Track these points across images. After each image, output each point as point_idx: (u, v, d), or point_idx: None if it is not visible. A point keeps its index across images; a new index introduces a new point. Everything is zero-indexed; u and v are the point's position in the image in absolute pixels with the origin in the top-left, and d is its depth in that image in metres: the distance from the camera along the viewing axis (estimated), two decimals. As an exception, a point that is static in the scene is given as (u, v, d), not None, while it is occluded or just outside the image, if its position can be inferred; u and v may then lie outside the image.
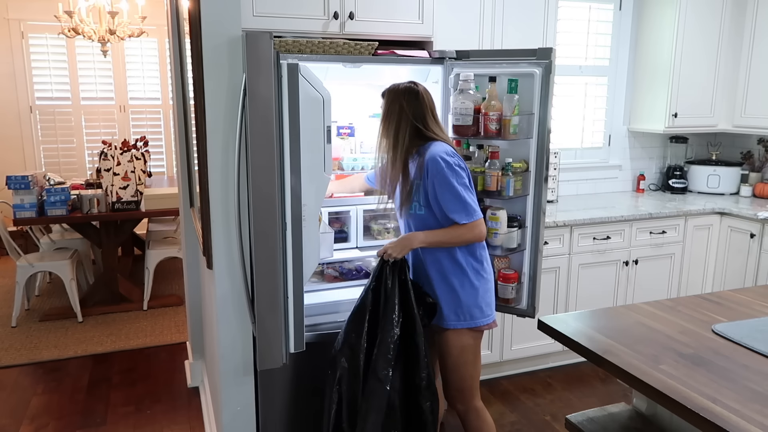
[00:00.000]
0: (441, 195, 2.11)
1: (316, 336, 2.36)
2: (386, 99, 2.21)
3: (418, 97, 2.17)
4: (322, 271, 2.76)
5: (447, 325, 2.21)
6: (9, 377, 3.51)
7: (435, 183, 2.10)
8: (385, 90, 2.23)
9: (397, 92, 2.18)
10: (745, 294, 2.24)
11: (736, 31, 3.98)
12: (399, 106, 2.16)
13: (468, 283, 2.19)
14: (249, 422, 2.32)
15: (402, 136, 2.16)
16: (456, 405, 2.31)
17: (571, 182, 4.09)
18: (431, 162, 2.10)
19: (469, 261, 2.20)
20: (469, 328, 2.21)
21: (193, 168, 2.81)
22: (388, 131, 2.19)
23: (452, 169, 2.10)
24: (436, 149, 2.13)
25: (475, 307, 2.20)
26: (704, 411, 1.42)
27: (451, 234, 2.14)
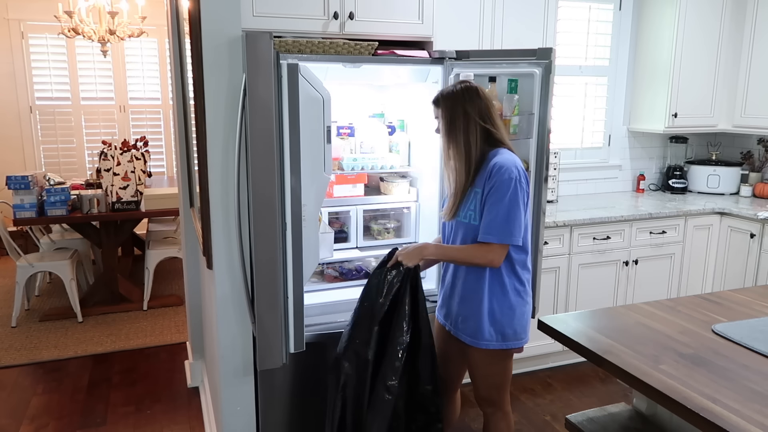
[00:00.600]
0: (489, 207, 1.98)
1: (316, 336, 2.36)
2: (444, 105, 2.05)
3: (479, 94, 2.02)
4: (322, 271, 2.76)
5: (477, 344, 2.11)
6: (9, 377, 3.51)
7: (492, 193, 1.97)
8: (438, 96, 2.09)
9: (455, 95, 2.03)
10: (745, 294, 2.24)
11: (736, 31, 3.98)
12: (462, 109, 2.01)
13: (507, 304, 2.08)
14: (249, 422, 2.32)
15: (474, 140, 2.01)
16: (485, 408, 2.26)
17: (571, 182, 4.09)
18: (496, 170, 1.97)
19: (512, 281, 2.09)
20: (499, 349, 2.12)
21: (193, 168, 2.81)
22: (457, 140, 2.02)
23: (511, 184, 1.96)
24: (505, 157, 2.00)
25: (509, 327, 2.10)
26: (704, 411, 1.42)
27: (466, 253, 2.03)
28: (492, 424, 2.25)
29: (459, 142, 2.03)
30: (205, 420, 3.01)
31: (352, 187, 2.76)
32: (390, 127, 2.91)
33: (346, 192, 2.75)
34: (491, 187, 1.97)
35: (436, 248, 2.11)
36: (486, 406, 2.24)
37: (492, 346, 2.09)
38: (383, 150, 2.80)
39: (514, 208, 1.97)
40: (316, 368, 2.39)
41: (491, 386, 2.19)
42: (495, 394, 2.20)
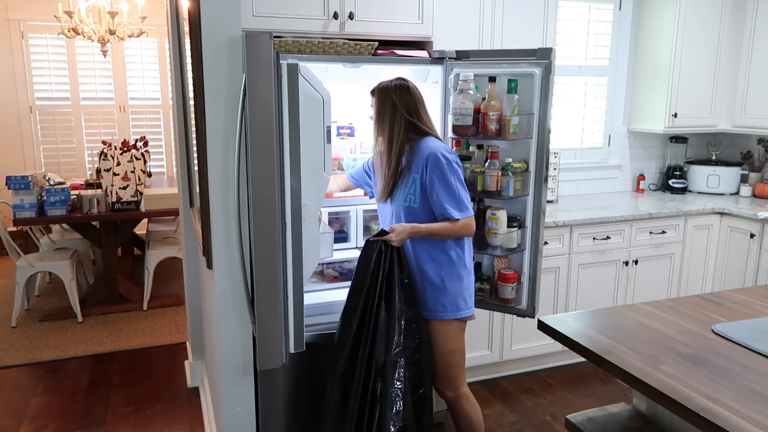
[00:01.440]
0: (438, 190, 2.18)
1: (316, 336, 2.36)
2: (377, 96, 2.27)
3: (409, 91, 2.24)
4: (322, 271, 2.76)
5: (434, 316, 2.27)
6: (9, 377, 3.51)
7: (434, 178, 2.17)
8: (375, 88, 2.29)
9: (387, 89, 2.25)
10: (745, 294, 2.24)
11: (736, 31, 3.98)
12: (391, 101, 2.22)
13: (456, 275, 2.27)
14: (249, 422, 2.32)
15: (397, 130, 2.23)
16: (446, 393, 2.36)
17: (571, 182, 4.09)
18: (432, 157, 2.17)
19: (458, 253, 2.27)
20: (455, 318, 2.27)
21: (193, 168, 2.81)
22: (383, 127, 2.25)
23: (451, 167, 2.18)
24: (435, 145, 2.22)
25: (460, 298, 2.28)
26: (704, 411, 1.41)
27: (448, 228, 2.20)
28: (459, 409, 2.36)
29: (385, 130, 2.25)
30: (205, 420, 3.01)
31: (352, 187, 2.76)
32: (390, 127, 2.90)
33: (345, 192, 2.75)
34: (435, 173, 2.17)
35: (426, 228, 2.22)
36: (447, 390, 2.35)
37: (448, 316, 2.27)
38: (383, 150, 2.80)
39: (460, 185, 2.21)
40: (316, 368, 2.39)
41: (449, 365, 2.31)
42: (454, 373, 2.33)
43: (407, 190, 2.25)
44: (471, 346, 3.22)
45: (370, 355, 2.14)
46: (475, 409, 2.38)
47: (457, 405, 2.36)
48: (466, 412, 2.36)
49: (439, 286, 2.26)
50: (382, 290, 2.16)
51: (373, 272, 2.16)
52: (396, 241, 2.18)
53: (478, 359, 3.30)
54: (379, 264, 2.16)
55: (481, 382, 3.38)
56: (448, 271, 2.26)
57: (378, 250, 2.17)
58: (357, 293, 2.18)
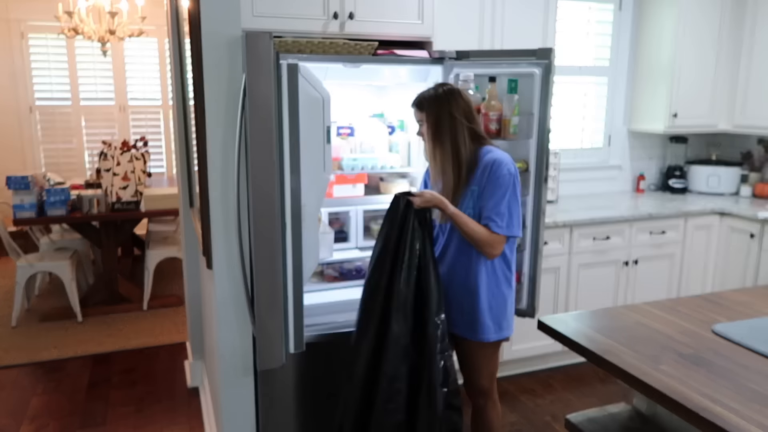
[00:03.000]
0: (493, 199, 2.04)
1: (316, 336, 2.36)
2: (429, 109, 2.09)
3: (462, 95, 2.09)
4: (322, 271, 2.76)
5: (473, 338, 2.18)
6: (9, 377, 3.51)
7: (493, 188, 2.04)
8: (420, 100, 2.13)
9: (439, 98, 2.08)
10: (745, 294, 2.24)
11: (735, 31, 3.97)
12: (447, 110, 2.06)
13: (500, 294, 2.17)
14: (249, 422, 2.32)
15: (462, 141, 2.07)
16: (477, 399, 2.33)
17: (571, 182, 4.08)
18: (496, 166, 2.04)
19: (504, 271, 2.17)
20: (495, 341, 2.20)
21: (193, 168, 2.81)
22: (443, 142, 2.07)
23: (513, 180, 2.06)
24: (499, 155, 2.08)
25: (503, 318, 2.19)
26: (704, 411, 1.41)
27: (480, 230, 2.05)
28: (485, 414, 2.34)
29: (446, 144, 2.08)
30: (205, 420, 3.01)
31: (351, 187, 2.76)
32: (390, 127, 2.91)
33: (346, 192, 2.75)
34: (492, 181, 2.04)
35: (454, 211, 2.07)
36: (479, 397, 2.32)
37: (492, 338, 2.18)
38: (383, 150, 2.80)
39: (514, 202, 2.07)
40: (316, 368, 2.39)
41: (485, 376, 2.28)
42: (489, 384, 2.30)
43: (466, 205, 2.10)
44: (471, 346, 3.23)
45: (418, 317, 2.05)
46: (499, 417, 2.34)
47: (485, 411, 2.32)
48: (490, 420, 2.32)
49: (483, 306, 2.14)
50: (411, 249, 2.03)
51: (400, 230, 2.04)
52: (420, 202, 2.03)
53: (478, 359, 3.30)
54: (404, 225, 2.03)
55: (481, 382, 3.38)
56: (493, 292, 2.15)
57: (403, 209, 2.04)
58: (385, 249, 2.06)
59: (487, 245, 2.07)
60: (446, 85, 2.15)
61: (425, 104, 2.11)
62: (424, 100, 2.12)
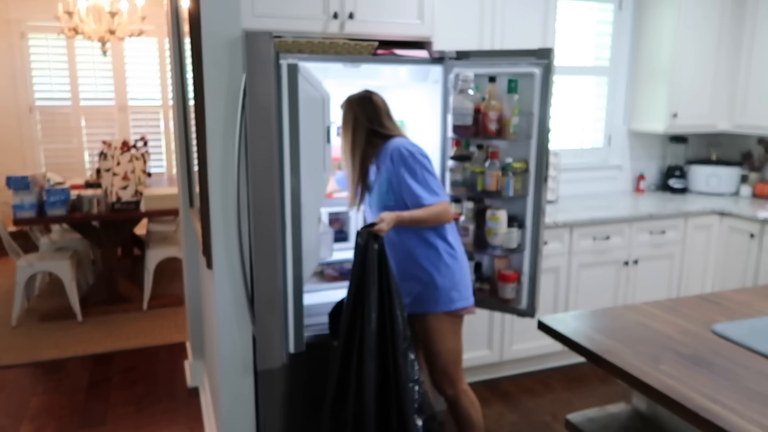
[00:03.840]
0: (407, 182, 2.19)
1: (316, 336, 2.35)
2: (342, 109, 2.33)
3: (370, 101, 2.30)
4: (322, 271, 2.76)
5: (425, 310, 2.26)
6: (9, 377, 3.51)
7: (400, 171, 2.19)
8: (342, 102, 2.35)
9: (350, 101, 2.32)
10: (745, 294, 2.24)
11: (735, 31, 3.97)
12: (353, 112, 2.29)
13: (443, 265, 2.25)
14: (249, 422, 2.32)
15: (359, 138, 2.28)
16: (446, 390, 2.36)
17: (571, 182, 4.08)
18: (395, 152, 2.21)
19: (440, 243, 2.26)
20: (448, 311, 2.26)
21: (193, 168, 2.81)
22: (346, 136, 2.31)
23: (415, 158, 2.19)
24: (397, 142, 2.25)
25: (452, 289, 2.25)
26: (704, 411, 1.41)
27: (427, 212, 2.18)
28: (459, 408, 2.37)
29: (347, 139, 2.30)
30: (205, 420, 3.01)
31: (352, 187, 2.75)
32: (390, 127, 2.90)
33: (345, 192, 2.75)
34: (397, 166, 2.20)
35: (409, 215, 2.20)
36: (446, 387, 2.35)
37: (440, 308, 2.25)
38: (383, 150, 2.80)
39: (427, 173, 2.21)
40: (316, 368, 2.39)
41: (447, 362, 2.31)
42: (453, 369, 2.33)
43: (381, 191, 2.27)
44: (471, 346, 3.23)
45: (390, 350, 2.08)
46: (475, 406, 2.39)
47: (457, 402, 2.37)
48: (465, 408, 2.37)
49: (428, 280, 2.24)
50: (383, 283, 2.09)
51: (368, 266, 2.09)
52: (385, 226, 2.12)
53: (478, 359, 3.30)
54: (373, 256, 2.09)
55: (481, 382, 3.38)
56: (435, 264, 2.24)
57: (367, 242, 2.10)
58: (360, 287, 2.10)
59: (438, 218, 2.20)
60: (366, 91, 2.34)
61: (343, 104, 2.35)
62: (343, 102, 2.35)
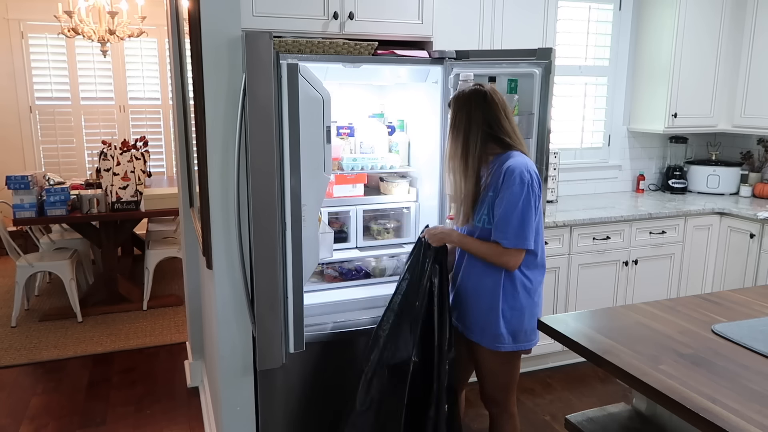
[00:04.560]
0: (502, 209, 1.99)
1: (316, 336, 2.36)
2: (453, 108, 2.09)
3: (486, 99, 2.03)
4: (322, 271, 2.76)
5: (482, 343, 2.14)
6: (9, 377, 3.51)
7: (504, 195, 1.98)
8: (451, 99, 2.13)
9: (462, 98, 2.06)
10: (744, 294, 2.23)
11: (736, 31, 3.98)
12: (466, 112, 2.03)
13: (515, 305, 2.09)
14: (249, 422, 2.32)
15: (473, 142, 2.02)
16: (491, 408, 2.27)
17: (571, 182, 4.08)
18: (508, 173, 1.98)
19: (522, 281, 2.09)
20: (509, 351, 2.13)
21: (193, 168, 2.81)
22: (457, 140, 2.05)
23: (524, 188, 1.96)
24: (517, 160, 2.00)
25: (520, 328, 2.11)
26: (704, 411, 1.41)
27: (487, 249, 2.03)
28: (498, 426, 2.27)
29: (458, 145, 2.06)
30: (205, 420, 3.01)
31: (351, 187, 2.76)
32: (390, 127, 2.91)
33: (345, 192, 2.75)
34: (503, 190, 1.98)
35: (459, 237, 2.13)
36: (492, 406, 2.26)
37: (504, 348, 2.11)
38: (383, 150, 2.80)
39: (527, 211, 1.98)
40: (316, 368, 2.39)
41: (499, 386, 2.21)
42: (502, 395, 2.22)
43: (482, 211, 2.06)
44: (471, 346, 3.23)
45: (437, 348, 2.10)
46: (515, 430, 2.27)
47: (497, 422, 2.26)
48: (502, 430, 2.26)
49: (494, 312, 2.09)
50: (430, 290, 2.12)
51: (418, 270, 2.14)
52: (431, 239, 2.10)
53: (478, 359, 3.30)
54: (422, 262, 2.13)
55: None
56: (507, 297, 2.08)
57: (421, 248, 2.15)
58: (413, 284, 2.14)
59: (498, 259, 2.03)
60: (479, 85, 2.07)
61: (452, 103, 2.11)
62: (452, 99, 2.11)
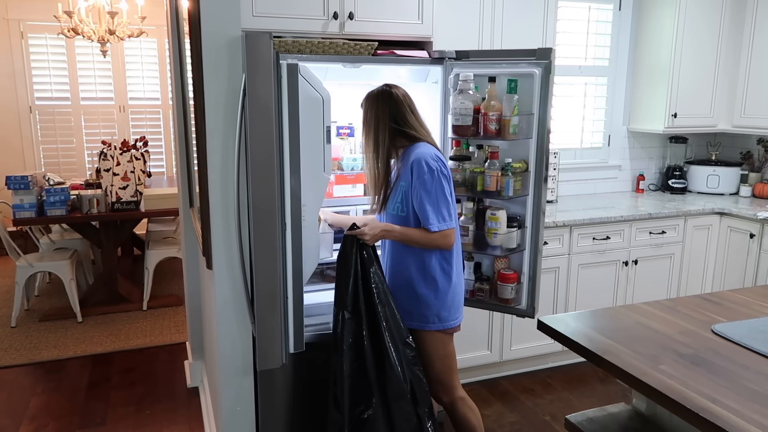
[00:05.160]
0: (419, 199, 2.14)
1: (316, 336, 2.35)
2: (363, 106, 2.26)
3: (391, 97, 2.21)
4: (322, 271, 2.76)
5: (415, 327, 2.25)
6: (9, 377, 3.51)
7: (417, 185, 2.14)
8: (363, 98, 2.27)
9: (371, 97, 2.23)
10: (744, 294, 2.24)
11: (735, 31, 3.98)
12: (374, 110, 2.21)
13: (437, 286, 2.23)
14: (249, 422, 2.32)
15: (381, 137, 2.20)
16: (441, 399, 2.35)
17: (571, 182, 4.09)
18: (416, 164, 2.14)
19: (443, 265, 2.23)
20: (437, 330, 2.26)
21: (192, 168, 2.81)
22: (368, 136, 2.24)
23: (433, 174, 2.13)
24: (422, 151, 2.16)
25: (443, 310, 2.24)
26: (704, 411, 1.42)
27: (425, 237, 2.16)
28: (457, 413, 2.35)
29: (369, 141, 2.23)
30: (205, 420, 3.01)
31: (351, 187, 2.76)
32: (390, 127, 2.90)
33: (345, 192, 2.75)
34: (416, 181, 2.13)
35: (400, 231, 2.20)
36: (442, 395, 2.35)
37: (434, 327, 2.25)
38: (383, 150, 2.80)
39: (440, 195, 2.14)
40: (316, 368, 2.39)
41: (442, 370, 2.31)
42: (447, 378, 2.33)
43: (396, 199, 2.22)
44: (470, 347, 3.23)
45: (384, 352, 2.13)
46: (474, 412, 2.37)
47: (455, 409, 2.35)
48: (464, 414, 2.35)
49: (420, 298, 2.23)
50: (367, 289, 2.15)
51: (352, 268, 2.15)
52: (369, 237, 2.15)
53: (477, 359, 3.30)
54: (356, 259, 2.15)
55: (480, 382, 3.38)
56: (430, 283, 2.22)
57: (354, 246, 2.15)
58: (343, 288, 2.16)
59: (438, 242, 2.16)
60: (386, 85, 2.23)
61: (363, 102, 2.27)
62: (364, 98, 2.26)
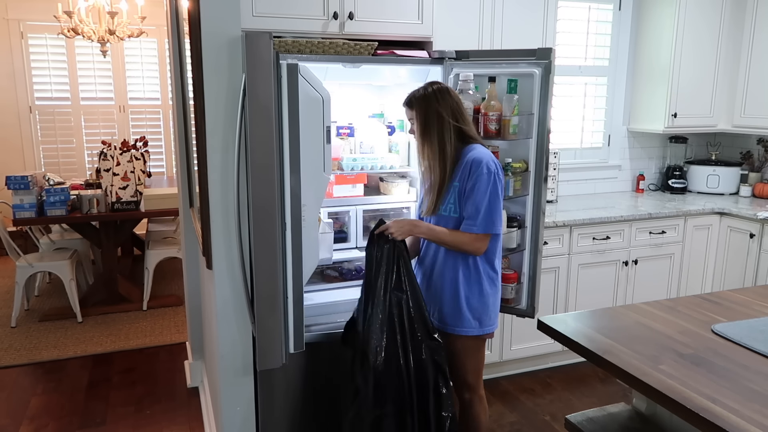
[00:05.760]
0: (470, 198, 2.11)
1: (316, 336, 2.36)
2: (419, 107, 2.15)
3: (449, 93, 2.15)
4: (322, 271, 2.76)
5: (451, 331, 2.24)
6: (9, 377, 3.51)
7: (471, 185, 2.10)
8: (410, 99, 2.19)
9: (428, 97, 2.14)
10: (744, 294, 2.24)
11: (735, 31, 3.98)
12: (435, 107, 2.12)
13: (481, 290, 2.21)
14: (249, 422, 2.32)
15: (447, 136, 2.13)
16: (463, 394, 2.36)
17: (571, 182, 4.09)
18: (475, 164, 2.09)
19: (486, 269, 2.21)
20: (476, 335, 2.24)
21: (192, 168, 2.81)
22: (430, 136, 2.14)
23: (496, 180, 2.10)
24: (481, 152, 2.13)
25: (484, 314, 2.23)
26: (704, 411, 1.42)
27: (455, 238, 2.14)
28: (472, 410, 2.37)
29: (434, 142, 2.14)
30: (205, 420, 3.01)
31: (351, 187, 2.76)
32: (390, 127, 2.91)
33: (345, 192, 2.75)
34: (472, 181, 2.10)
35: (427, 228, 2.19)
36: (465, 392, 2.36)
37: (472, 332, 2.23)
38: (383, 150, 2.80)
39: (495, 199, 2.11)
40: (316, 368, 2.39)
41: (471, 372, 2.32)
42: (474, 379, 2.34)
43: (447, 200, 2.17)
44: (471, 346, 3.23)
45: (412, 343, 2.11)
46: (486, 413, 2.39)
47: (471, 406, 2.37)
48: (477, 413, 2.37)
49: (461, 302, 2.20)
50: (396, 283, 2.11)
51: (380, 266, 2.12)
52: (395, 230, 2.12)
53: (477, 359, 3.30)
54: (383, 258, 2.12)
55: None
56: (473, 287, 2.19)
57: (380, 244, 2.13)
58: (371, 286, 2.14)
59: (467, 246, 2.14)
60: (436, 83, 2.19)
61: (414, 103, 2.17)
62: (414, 99, 2.18)
